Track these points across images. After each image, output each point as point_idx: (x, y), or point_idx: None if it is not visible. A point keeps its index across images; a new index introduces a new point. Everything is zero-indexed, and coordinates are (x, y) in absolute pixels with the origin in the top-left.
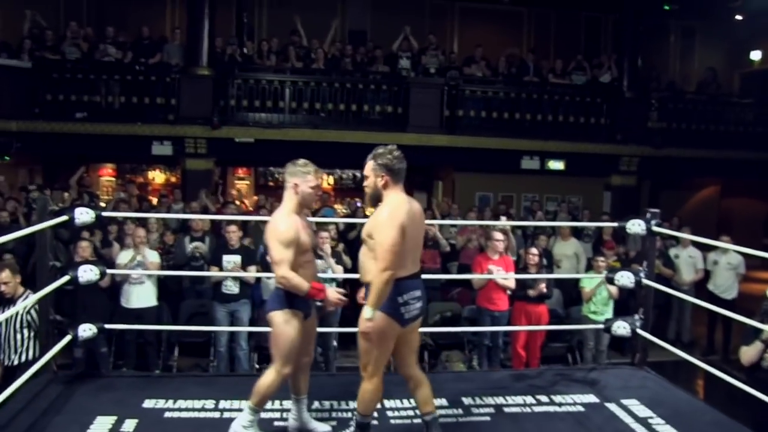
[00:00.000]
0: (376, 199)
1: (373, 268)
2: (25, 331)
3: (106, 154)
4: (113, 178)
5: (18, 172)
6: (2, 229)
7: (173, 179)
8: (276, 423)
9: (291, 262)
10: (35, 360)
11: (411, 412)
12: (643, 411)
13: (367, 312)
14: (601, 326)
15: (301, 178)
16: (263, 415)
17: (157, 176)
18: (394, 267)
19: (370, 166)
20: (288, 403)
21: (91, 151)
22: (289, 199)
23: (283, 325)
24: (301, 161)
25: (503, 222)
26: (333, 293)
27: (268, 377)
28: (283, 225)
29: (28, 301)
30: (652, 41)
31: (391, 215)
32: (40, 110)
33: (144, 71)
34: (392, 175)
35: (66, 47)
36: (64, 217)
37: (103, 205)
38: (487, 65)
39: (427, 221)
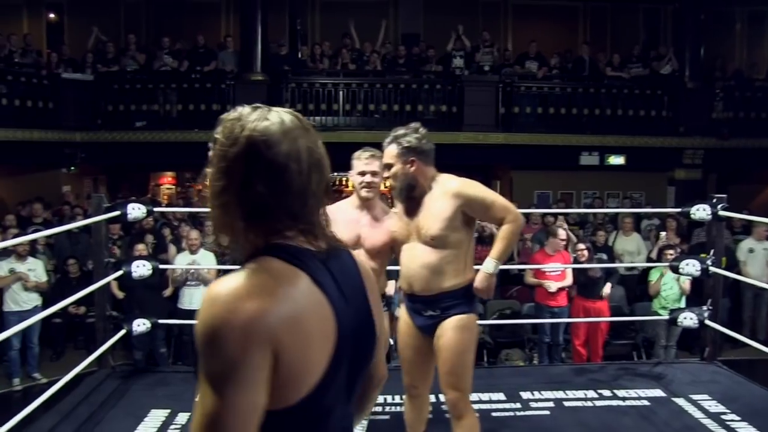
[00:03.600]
0: (410, 189)
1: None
2: None
3: (166, 162)
4: (173, 186)
5: (83, 181)
6: (68, 237)
7: None
8: None
9: None
10: None
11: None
12: (715, 406)
13: (491, 265)
14: (666, 317)
15: (353, 169)
16: None
17: None
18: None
19: (392, 151)
20: None
21: (151, 159)
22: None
23: None
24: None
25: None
26: None
27: None
28: None
29: None
30: (716, 30)
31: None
32: (102, 121)
33: (200, 79)
34: (423, 156)
35: (126, 59)
36: (117, 212)
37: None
38: (543, 61)
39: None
